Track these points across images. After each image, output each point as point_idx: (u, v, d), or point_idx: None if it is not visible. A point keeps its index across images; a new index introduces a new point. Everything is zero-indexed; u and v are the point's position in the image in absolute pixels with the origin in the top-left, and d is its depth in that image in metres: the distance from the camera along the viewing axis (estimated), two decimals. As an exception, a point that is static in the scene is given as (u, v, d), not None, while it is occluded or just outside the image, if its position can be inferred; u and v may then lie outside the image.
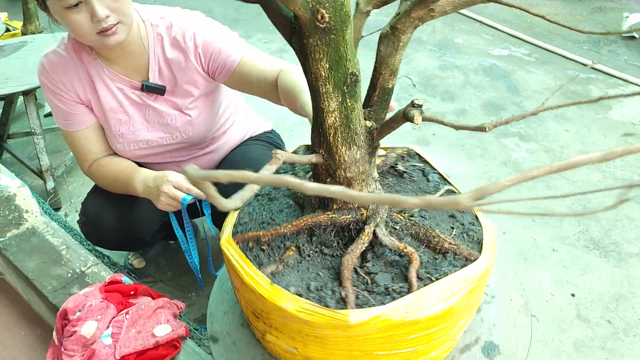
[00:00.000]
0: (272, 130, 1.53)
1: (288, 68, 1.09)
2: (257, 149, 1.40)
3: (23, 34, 2.75)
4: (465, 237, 0.69)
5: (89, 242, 1.36)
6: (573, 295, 1.46)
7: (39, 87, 1.80)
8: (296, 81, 1.01)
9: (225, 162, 1.38)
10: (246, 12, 3.66)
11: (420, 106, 0.55)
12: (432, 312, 0.56)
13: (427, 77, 2.58)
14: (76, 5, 1.00)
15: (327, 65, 0.54)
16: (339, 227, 0.68)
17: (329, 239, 0.69)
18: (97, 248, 1.47)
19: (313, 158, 0.62)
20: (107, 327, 1.03)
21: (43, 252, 1.29)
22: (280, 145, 1.50)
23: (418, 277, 0.61)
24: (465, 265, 0.62)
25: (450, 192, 0.77)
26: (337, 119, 0.58)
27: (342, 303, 0.58)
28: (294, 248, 0.69)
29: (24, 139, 2.25)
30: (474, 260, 0.63)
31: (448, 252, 0.65)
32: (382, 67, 0.59)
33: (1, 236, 1.34)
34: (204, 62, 1.17)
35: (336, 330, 0.57)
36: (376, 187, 0.68)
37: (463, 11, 3.21)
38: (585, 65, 2.61)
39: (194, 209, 1.23)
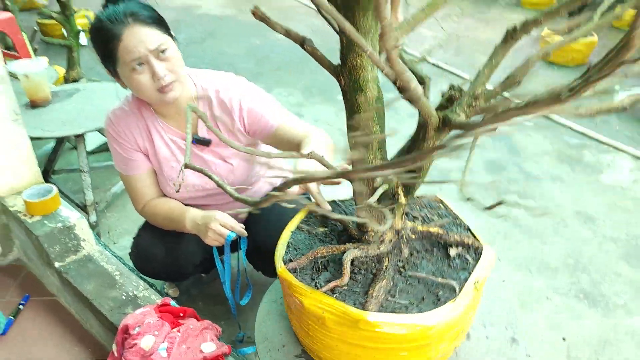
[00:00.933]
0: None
1: (312, 133, 1.32)
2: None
3: (66, 79, 3.01)
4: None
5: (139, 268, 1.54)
6: (564, 339, 1.62)
7: (90, 131, 2.03)
8: (316, 144, 1.25)
9: (260, 217, 1.58)
10: (267, 67, 3.95)
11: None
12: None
13: (434, 136, 2.81)
14: (139, 65, 1.22)
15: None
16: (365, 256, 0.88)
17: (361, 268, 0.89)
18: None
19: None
20: (163, 341, 1.20)
21: (99, 277, 1.48)
22: (304, 194, 1.71)
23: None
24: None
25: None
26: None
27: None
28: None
29: (65, 175, 2.47)
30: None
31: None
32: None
33: (62, 261, 1.53)
34: (246, 123, 1.39)
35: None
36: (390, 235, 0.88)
37: (462, 73, 3.49)
38: (588, 135, 2.85)
39: (226, 252, 1.41)
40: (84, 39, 3.03)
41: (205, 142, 1.42)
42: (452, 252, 0.93)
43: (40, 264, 1.63)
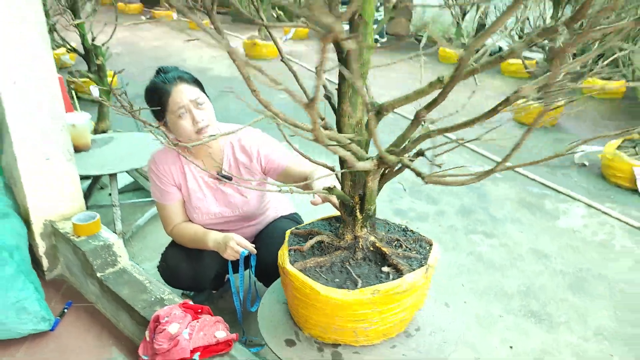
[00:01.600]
0: (295, 212, 2.13)
1: (314, 170, 1.72)
2: (285, 223, 1.99)
3: (96, 130, 3.46)
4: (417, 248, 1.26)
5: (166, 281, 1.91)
6: (511, 347, 1.96)
7: (122, 171, 2.44)
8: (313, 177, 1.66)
9: (264, 232, 1.96)
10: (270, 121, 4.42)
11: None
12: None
13: (415, 185, 3.22)
14: (183, 113, 1.65)
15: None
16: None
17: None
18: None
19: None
20: (186, 328, 1.56)
21: (132, 284, 1.84)
22: (300, 221, 2.09)
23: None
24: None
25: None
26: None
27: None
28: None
29: (96, 209, 2.85)
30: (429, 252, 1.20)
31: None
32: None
33: (102, 272, 1.90)
34: (262, 164, 1.81)
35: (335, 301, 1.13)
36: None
37: (448, 135, 3.95)
38: (548, 186, 3.27)
39: (238, 263, 1.78)
40: (96, 91, 3.51)
41: (228, 178, 1.82)
42: (385, 269, 1.28)
43: (82, 275, 2.00)
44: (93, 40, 3.75)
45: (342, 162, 1.22)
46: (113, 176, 2.48)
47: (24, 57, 1.84)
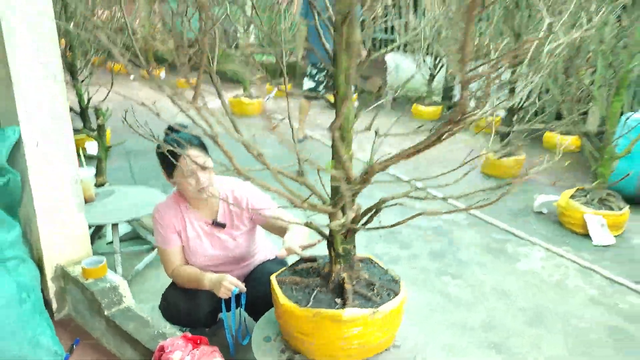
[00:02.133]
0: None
1: (293, 226, 2.00)
2: (272, 265, 2.24)
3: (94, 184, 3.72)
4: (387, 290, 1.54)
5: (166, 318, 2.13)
6: (474, 374, 2.21)
7: (123, 221, 2.69)
8: (296, 230, 1.94)
9: (253, 274, 2.21)
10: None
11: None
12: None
13: (390, 231, 3.52)
14: (190, 173, 1.94)
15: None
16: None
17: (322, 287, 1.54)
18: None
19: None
20: (187, 355, 1.79)
21: (137, 320, 2.07)
22: (285, 263, 2.35)
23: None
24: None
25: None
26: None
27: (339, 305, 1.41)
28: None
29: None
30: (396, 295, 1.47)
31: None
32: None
33: (110, 310, 2.12)
34: (251, 213, 2.09)
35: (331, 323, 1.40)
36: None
37: (419, 184, 4.29)
38: (510, 232, 3.59)
39: (232, 301, 2.02)
40: (94, 148, 3.79)
41: (222, 225, 2.10)
42: (338, 300, 1.55)
43: (89, 314, 2.21)
44: (89, 100, 4.08)
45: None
46: (115, 225, 2.73)
47: (46, 119, 2.13)
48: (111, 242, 3.25)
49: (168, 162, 1.96)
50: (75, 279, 2.22)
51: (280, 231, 2.05)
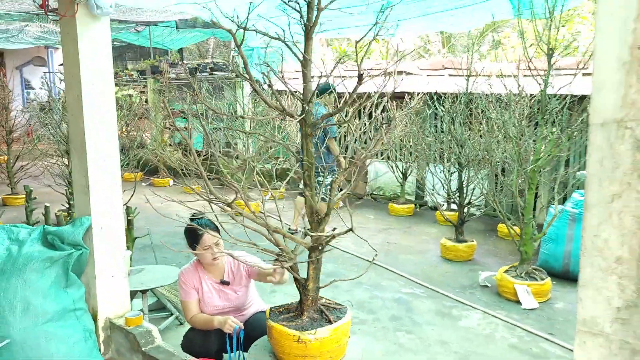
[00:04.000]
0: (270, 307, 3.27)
1: (269, 268, 2.92)
2: (261, 315, 3.11)
3: (121, 268, 4.61)
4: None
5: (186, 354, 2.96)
6: (411, 393, 2.99)
7: (151, 288, 3.58)
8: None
9: (250, 321, 3.07)
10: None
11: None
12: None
13: (361, 302, 4.37)
14: (207, 249, 2.89)
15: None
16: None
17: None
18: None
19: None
20: (204, 368, 2.62)
21: (166, 353, 2.89)
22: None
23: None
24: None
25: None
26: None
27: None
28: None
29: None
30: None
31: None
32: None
33: (146, 347, 2.96)
34: (248, 272, 3.01)
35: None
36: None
37: (387, 266, 5.19)
38: (457, 300, 4.44)
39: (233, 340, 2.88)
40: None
41: (227, 283, 3.01)
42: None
43: (129, 353, 3.03)
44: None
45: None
46: (145, 292, 3.61)
47: (108, 213, 3.11)
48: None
49: (192, 239, 2.92)
50: (120, 327, 3.07)
51: (265, 275, 2.95)
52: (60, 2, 2.92)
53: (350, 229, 2.40)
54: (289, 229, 6.45)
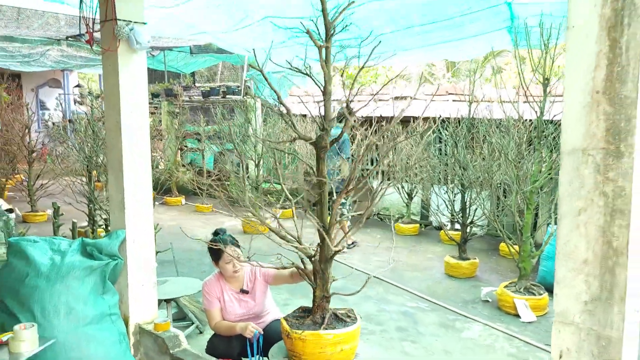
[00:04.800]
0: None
1: (293, 270, 3.20)
2: (277, 323, 3.39)
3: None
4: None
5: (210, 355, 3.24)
6: (417, 395, 3.25)
7: (176, 297, 3.87)
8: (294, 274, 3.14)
9: (268, 328, 3.34)
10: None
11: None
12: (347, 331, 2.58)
13: (369, 314, 4.63)
14: (229, 261, 3.19)
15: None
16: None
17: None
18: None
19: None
20: (228, 367, 2.90)
21: (192, 355, 3.17)
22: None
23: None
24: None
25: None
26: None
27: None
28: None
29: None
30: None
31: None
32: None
33: (174, 350, 3.23)
34: (263, 278, 3.30)
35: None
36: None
37: (393, 282, 5.46)
38: (460, 313, 4.70)
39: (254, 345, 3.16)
40: None
41: (246, 292, 3.30)
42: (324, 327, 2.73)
43: (158, 356, 3.31)
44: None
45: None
46: (169, 302, 3.90)
47: (140, 226, 3.43)
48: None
49: (215, 254, 3.22)
50: (149, 332, 3.36)
51: (285, 279, 3.24)
52: (103, 37, 3.28)
53: (354, 243, 2.69)
54: (347, 243, 6.65)
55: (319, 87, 2.71)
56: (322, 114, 2.75)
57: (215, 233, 3.32)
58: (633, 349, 1.64)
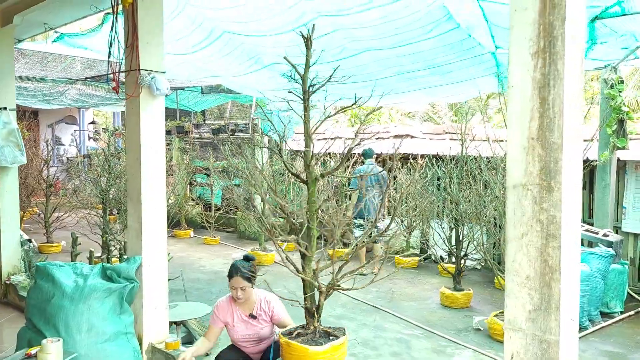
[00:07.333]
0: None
1: (288, 326, 3.52)
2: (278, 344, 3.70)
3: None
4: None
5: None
6: (406, 412, 3.51)
7: (185, 320, 4.19)
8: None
9: (267, 348, 3.64)
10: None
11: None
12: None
13: (366, 340, 4.90)
14: (234, 289, 3.52)
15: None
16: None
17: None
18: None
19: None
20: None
21: (200, 371, 3.47)
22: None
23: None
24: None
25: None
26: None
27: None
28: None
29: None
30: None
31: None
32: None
33: (183, 366, 3.53)
34: (272, 316, 3.62)
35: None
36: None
37: (391, 311, 5.73)
38: (452, 340, 4.96)
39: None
40: None
41: (255, 317, 3.62)
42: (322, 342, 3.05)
43: (168, 372, 3.61)
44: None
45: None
46: (179, 324, 4.21)
47: (155, 246, 3.78)
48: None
49: (228, 276, 3.56)
50: (161, 350, 3.67)
51: (282, 327, 3.56)
52: (127, 85, 3.73)
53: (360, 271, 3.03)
54: (372, 272, 6.90)
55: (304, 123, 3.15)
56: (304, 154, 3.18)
57: (246, 258, 3.65)
58: (573, 352, 1.96)
